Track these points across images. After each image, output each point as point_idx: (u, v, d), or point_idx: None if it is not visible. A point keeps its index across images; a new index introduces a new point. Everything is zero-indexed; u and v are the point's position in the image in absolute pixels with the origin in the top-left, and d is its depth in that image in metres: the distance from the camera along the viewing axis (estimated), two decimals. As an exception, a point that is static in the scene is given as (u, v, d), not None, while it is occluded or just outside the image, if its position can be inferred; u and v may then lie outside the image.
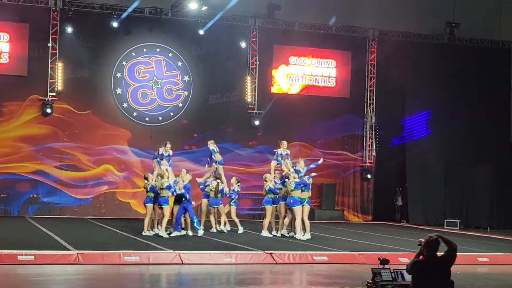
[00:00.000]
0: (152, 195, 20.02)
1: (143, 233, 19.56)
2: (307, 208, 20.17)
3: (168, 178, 19.37)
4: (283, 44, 29.23)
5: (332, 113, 29.64)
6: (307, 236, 19.80)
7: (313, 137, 29.51)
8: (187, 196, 19.34)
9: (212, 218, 20.96)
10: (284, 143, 21.59)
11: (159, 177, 19.30)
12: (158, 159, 20.79)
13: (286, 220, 20.60)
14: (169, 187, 19.12)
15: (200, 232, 19.34)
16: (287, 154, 21.34)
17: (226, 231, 20.78)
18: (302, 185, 19.86)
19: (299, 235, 19.72)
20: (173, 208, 20.20)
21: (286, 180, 19.98)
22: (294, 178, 19.80)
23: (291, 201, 19.82)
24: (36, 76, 26.11)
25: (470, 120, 29.88)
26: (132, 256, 14.79)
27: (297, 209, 19.79)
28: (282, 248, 16.83)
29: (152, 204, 20.03)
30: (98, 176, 26.80)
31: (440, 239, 8.17)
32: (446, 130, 29.63)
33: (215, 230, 20.71)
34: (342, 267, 15.41)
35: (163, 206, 19.19)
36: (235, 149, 28.10)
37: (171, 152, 21.03)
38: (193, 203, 20.60)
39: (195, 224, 19.42)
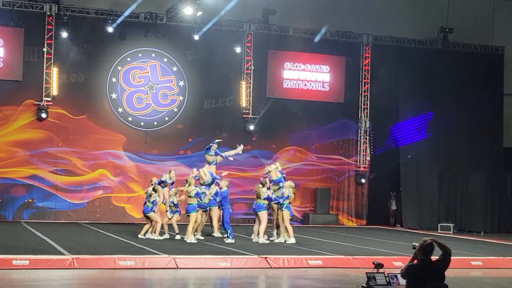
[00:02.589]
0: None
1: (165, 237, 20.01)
2: (286, 213, 20.03)
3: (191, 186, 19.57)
4: (278, 49, 29.31)
5: (327, 118, 29.72)
6: (292, 240, 19.73)
7: (308, 141, 29.58)
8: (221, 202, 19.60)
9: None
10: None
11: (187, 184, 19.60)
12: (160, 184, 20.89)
13: (256, 227, 20.35)
14: (197, 194, 19.43)
15: (229, 240, 19.39)
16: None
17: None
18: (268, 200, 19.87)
19: (262, 239, 19.65)
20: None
21: (260, 185, 20.03)
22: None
23: (257, 206, 19.83)
24: (31, 81, 26.11)
25: (463, 124, 29.96)
26: (127, 261, 14.78)
27: (262, 214, 19.73)
28: (277, 252, 16.86)
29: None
30: (93, 181, 26.79)
31: (434, 243, 8.22)
32: (439, 135, 29.73)
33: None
34: (336, 271, 15.45)
35: (190, 214, 19.39)
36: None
37: (174, 179, 21.25)
38: (231, 210, 20.68)
39: (228, 233, 19.59)
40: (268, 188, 19.99)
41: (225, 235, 19.82)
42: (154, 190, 20.27)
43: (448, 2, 29.05)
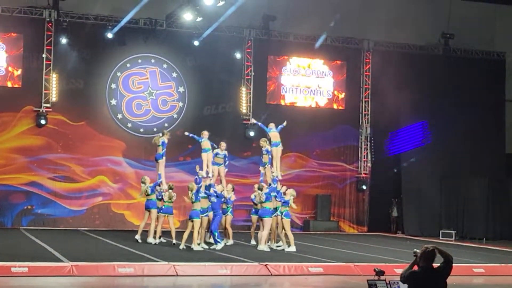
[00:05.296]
0: (154, 198, 20.23)
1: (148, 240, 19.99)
2: (287, 221, 19.80)
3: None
4: (278, 55, 29.26)
5: (328, 124, 29.64)
6: (292, 248, 19.57)
7: (309, 148, 29.49)
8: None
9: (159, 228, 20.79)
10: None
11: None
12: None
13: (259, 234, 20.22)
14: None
15: (219, 246, 19.16)
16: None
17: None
18: (274, 193, 19.70)
19: (263, 245, 19.45)
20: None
21: (259, 191, 19.86)
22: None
23: (263, 212, 19.66)
24: (31, 87, 26.07)
25: (464, 131, 29.89)
26: (126, 268, 14.72)
27: (267, 220, 19.55)
28: (277, 259, 16.76)
29: (156, 210, 20.25)
30: (92, 188, 26.70)
31: (436, 250, 8.13)
32: (441, 141, 29.66)
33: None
34: (337, 278, 15.36)
35: (194, 220, 19.02)
36: (229, 160, 27.84)
37: (226, 153, 21.47)
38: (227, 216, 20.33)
39: (216, 237, 19.31)
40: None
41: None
42: (143, 182, 20.50)
43: (449, 8, 29.02)
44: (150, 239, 20.31)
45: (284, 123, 21.41)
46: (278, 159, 21.24)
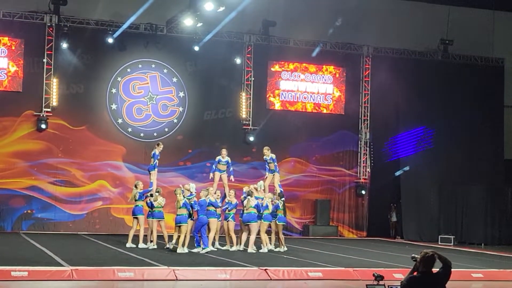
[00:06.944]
0: (141, 204, 20.35)
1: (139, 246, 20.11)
2: (280, 225, 20.59)
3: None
4: (278, 60, 29.32)
5: (327, 130, 29.69)
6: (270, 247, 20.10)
7: (308, 153, 29.53)
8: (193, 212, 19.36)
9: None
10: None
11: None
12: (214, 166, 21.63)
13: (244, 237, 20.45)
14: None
15: (204, 250, 19.21)
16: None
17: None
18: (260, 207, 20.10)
19: (251, 249, 19.86)
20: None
21: (248, 197, 20.16)
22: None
23: (249, 217, 19.96)
24: (31, 92, 26.09)
25: (464, 136, 29.93)
26: (126, 272, 14.72)
27: (255, 225, 19.92)
28: (276, 264, 16.78)
29: (143, 216, 20.39)
30: (92, 192, 26.73)
31: (435, 255, 8.16)
32: (440, 146, 29.69)
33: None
34: (336, 283, 15.37)
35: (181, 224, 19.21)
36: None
37: (228, 159, 21.70)
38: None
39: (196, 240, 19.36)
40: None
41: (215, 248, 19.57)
42: (135, 186, 20.91)
43: (448, 14, 29.09)
44: (141, 245, 20.37)
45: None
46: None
